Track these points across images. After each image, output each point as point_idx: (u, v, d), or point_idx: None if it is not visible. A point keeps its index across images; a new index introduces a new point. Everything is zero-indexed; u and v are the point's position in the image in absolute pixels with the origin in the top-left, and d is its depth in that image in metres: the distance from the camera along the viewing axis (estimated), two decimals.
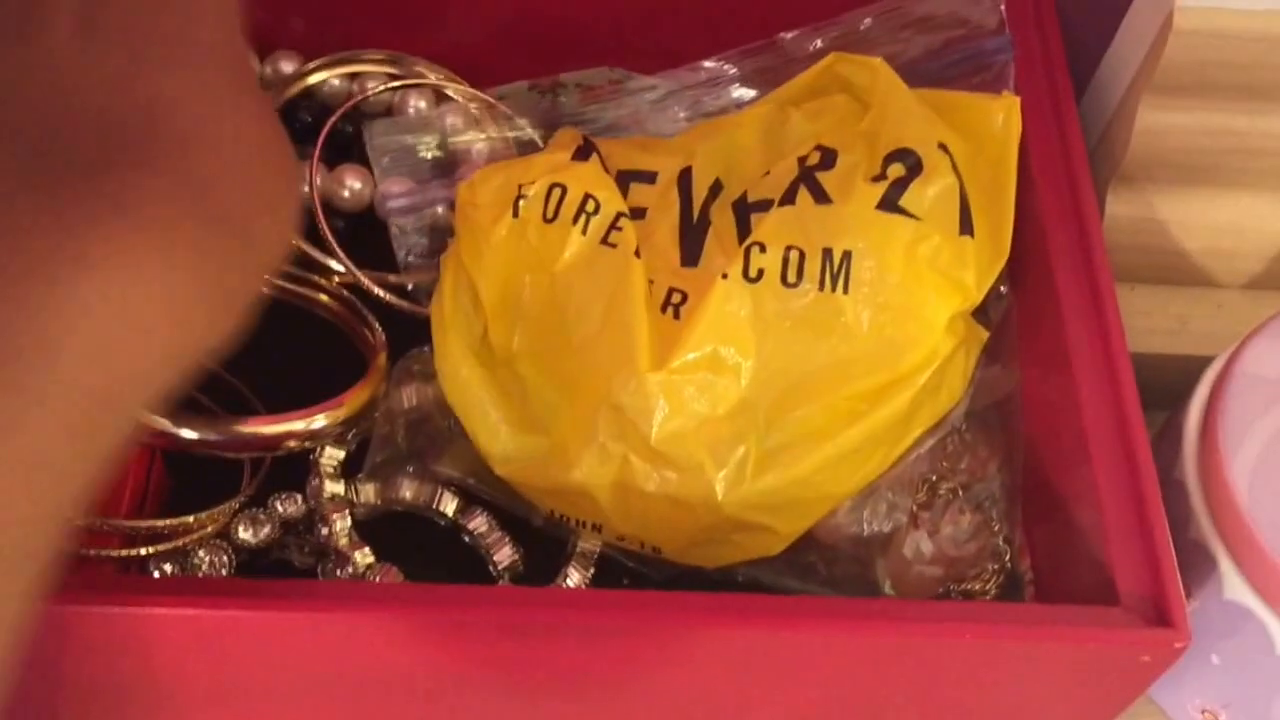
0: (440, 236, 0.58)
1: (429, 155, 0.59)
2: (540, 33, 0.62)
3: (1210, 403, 0.53)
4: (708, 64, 0.59)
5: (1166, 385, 0.57)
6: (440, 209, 0.58)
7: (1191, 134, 0.60)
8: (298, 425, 0.52)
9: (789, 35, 0.58)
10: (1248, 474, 0.51)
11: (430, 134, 0.60)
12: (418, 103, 0.63)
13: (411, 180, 0.59)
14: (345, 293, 0.58)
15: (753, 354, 0.50)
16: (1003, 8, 0.57)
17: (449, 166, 0.59)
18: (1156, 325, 0.64)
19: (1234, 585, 0.52)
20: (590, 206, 0.52)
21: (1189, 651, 0.44)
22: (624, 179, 0.55)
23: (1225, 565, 0.51)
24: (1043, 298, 0.54)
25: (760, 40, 0.59)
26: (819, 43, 0.58)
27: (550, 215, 0.52)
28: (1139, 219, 0.62)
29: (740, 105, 0.59)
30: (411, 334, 0.56)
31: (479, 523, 0.55)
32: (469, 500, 0.55)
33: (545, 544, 0.55)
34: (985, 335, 0.54)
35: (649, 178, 0.55)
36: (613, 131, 0.59)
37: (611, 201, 0.52)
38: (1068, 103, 0.56)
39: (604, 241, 0.52)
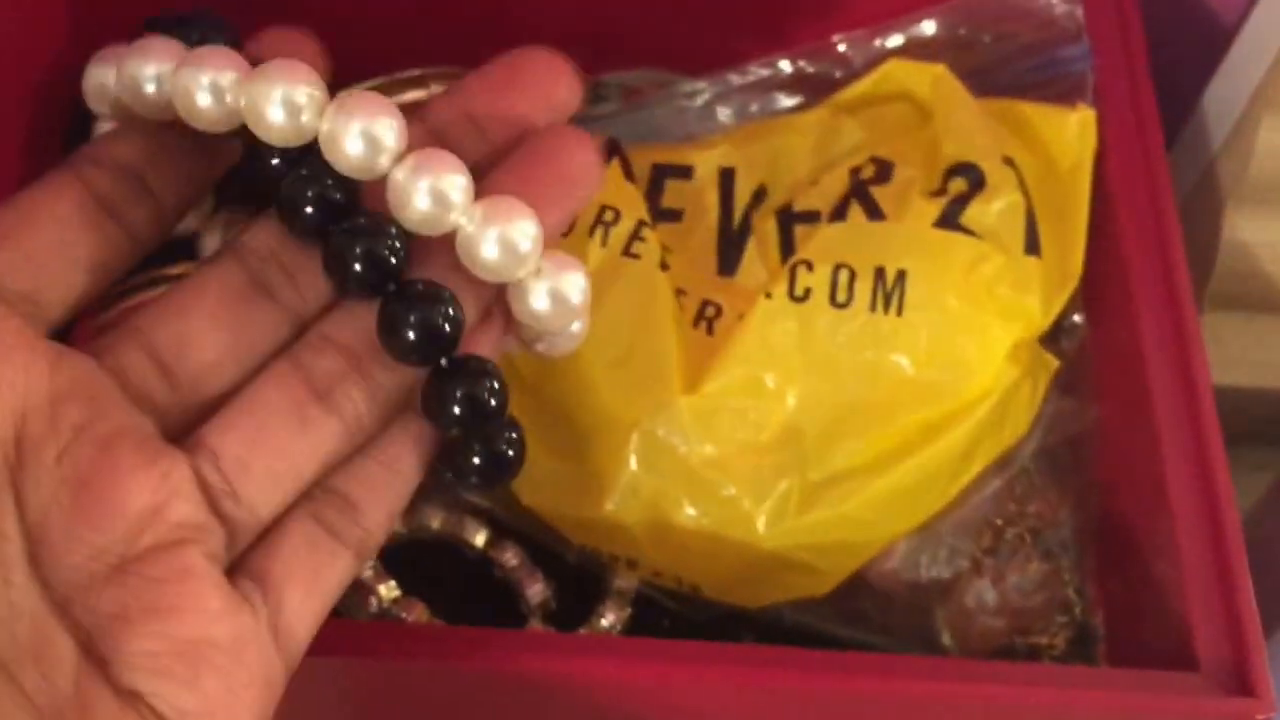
0: None
1: None
2: (583, 33, 0.59)
3: None
4: (757, 66, 0.55)
5: None
6: None
7: None
8: None
9: (845, 38, 0.55)
10: None
11: None
12: None
13: None
14: None
15: (798, 380, 0.47)
16: (1080, 13, 0.53)
17: None
18: (1277, 358, 0.60)
19: None
20: (609, 216, 0.49)
21: None
22: (659, 174, 0.52)
23: None
24: (1120, 328, 0.50)
25: (814, 42, 0.55)
26: (878, 46, 0.55)
27: (566, 229, 0.49)
28: (1261, 245, 0.58)
29: (790, 111, 0.55)
30: None
31: (509, 555, 0.52)
32: (499, 531, 0.53)
33: (578, 580, 0.52)
34: (1055, 365, 0.51)
35: (685, 172, 0.52)
36: (655, 135, 0.56)
37: (632, 209, 0.49)
38: (1152, 117, 0.52)
39: (626, 253, 0.49)
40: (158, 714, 0.27)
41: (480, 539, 0.52)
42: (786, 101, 0.56)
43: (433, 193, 0.32)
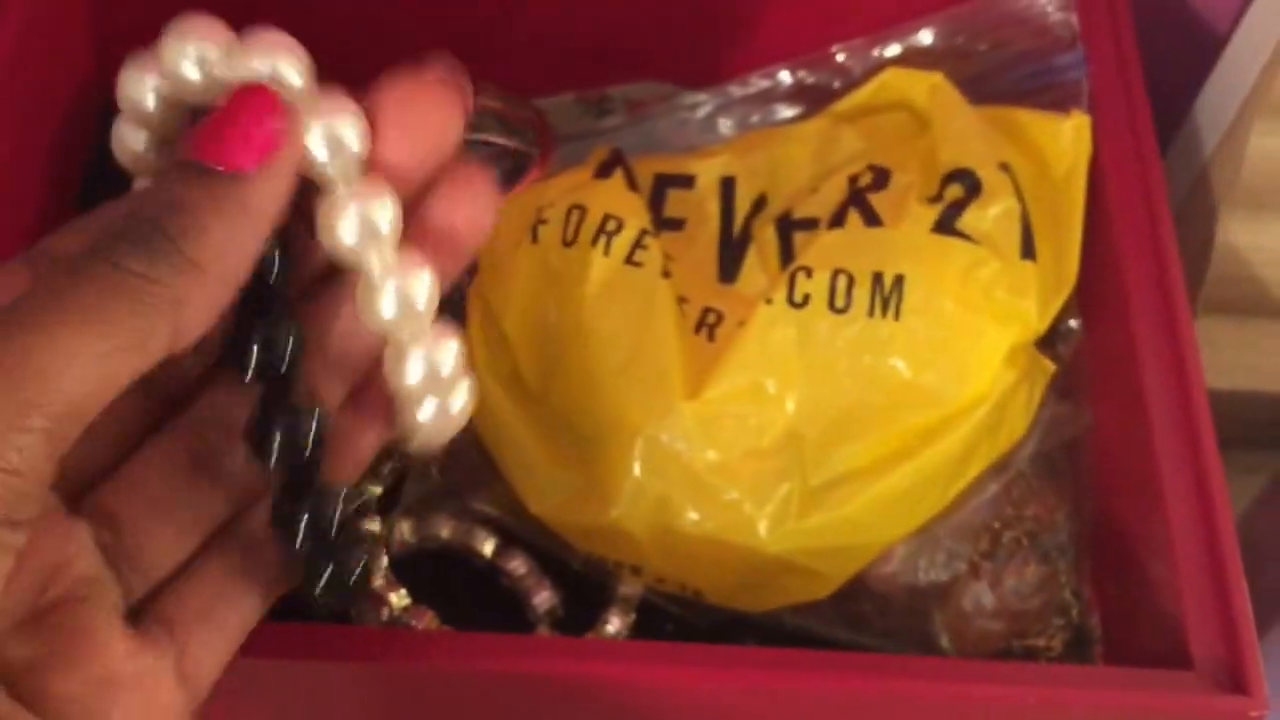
0: None
1: None
2: (588, 46, 0.60)
3: None
4: (757, 78, 0.56)
5: None
6: None
7: None
8: None
9: (843, 48, 0.56)
10: None
11: None
12: None
13: None
14: None
15: (798, 384, 0.48)
16: (1074, 20, 0.54)
17: None
18: (1273, 362, 0.61)
19: None
20: (611, 226, 0.49)
21: None
22: (661, 183, 0.52)
23: None
24: (1115, 332, 0.50)
25: (813, 53, 0.56)
26: (876, 56, 0.55)
27: (570, 238, 0.49)
28: (1253, 249, 0.59)
29: (790, 121, 0.56)
30: None
31: (517, 564, 0.53)
32: (507, 540, 0.53)
33: (584, 588, 0.52)
34: (1051, 369, 0.51)
35: (687, 181, 0.52)
36: (659, 146, 0.56)
37: (635, 219, 0.50)
38: (1145, 123, 0.53)
39: (629, 262, 0.49)
40: None
41: (488, 548, 0.53)
42: (786, 112, 0.57)
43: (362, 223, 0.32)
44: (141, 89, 0.33)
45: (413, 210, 0.33)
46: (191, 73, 0.32)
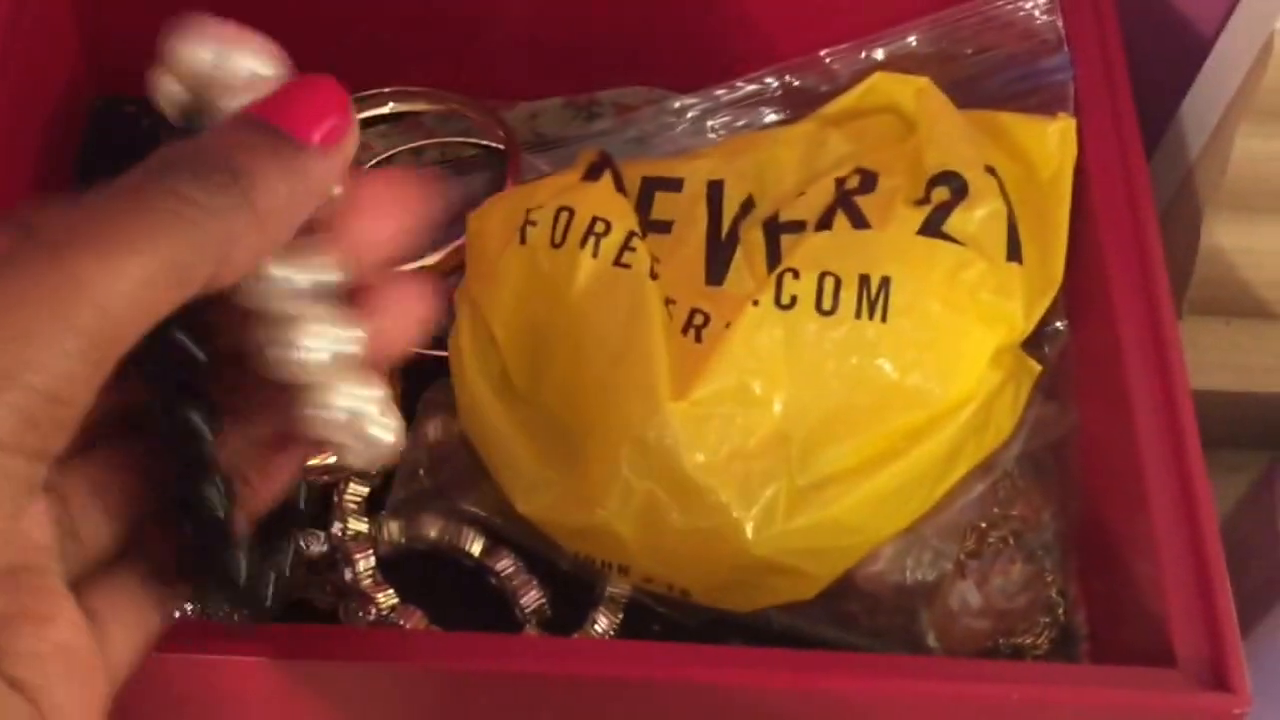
0: None
1: None
2: (578, 50, 0.60)
3: None
4: (745, 82, 0.56)
5: (1266, 424, 0.54)
6: None
7: None
8: (313, 460, 0.50)
9: (831, 52, 0.56)
10: None
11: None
12: None
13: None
14: None
15: (785, 386, 0.48)
16: (1060, 25, 0.54)
17: None
18: (1254, 362, 0.61)
19: None
20: (599, 228, 0.49)
21: None
22: (649, 186, 0.53)
23: None
24: (1101, 333, 0.51)
25: (801, 57, 0.56)
26: (864, 60, 0.55)
27: (558, 240, 0.50)
28: (1237, 250, 0.59)
29: (779, 124, 0.56)
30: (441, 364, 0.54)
31: (505, 564, 0.53)
32: (495, 540, 0.53)
33: (572, 587, 0.53)
34: (1037, 370, 0.51)
35: (675, 185, 0.53)
36: (648, 150, 0.57)
37: (623, 220, 0.50)
38: (1131, 126, 0.53)
39: (617, 263, 0.49)
40: (37, 706, 0.28)
41: (477, 548, 0.53)
42: (774, 115, 0.57)
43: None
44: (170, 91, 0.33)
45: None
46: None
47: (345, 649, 0.43)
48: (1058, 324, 0.53)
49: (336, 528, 0.52)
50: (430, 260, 0.55)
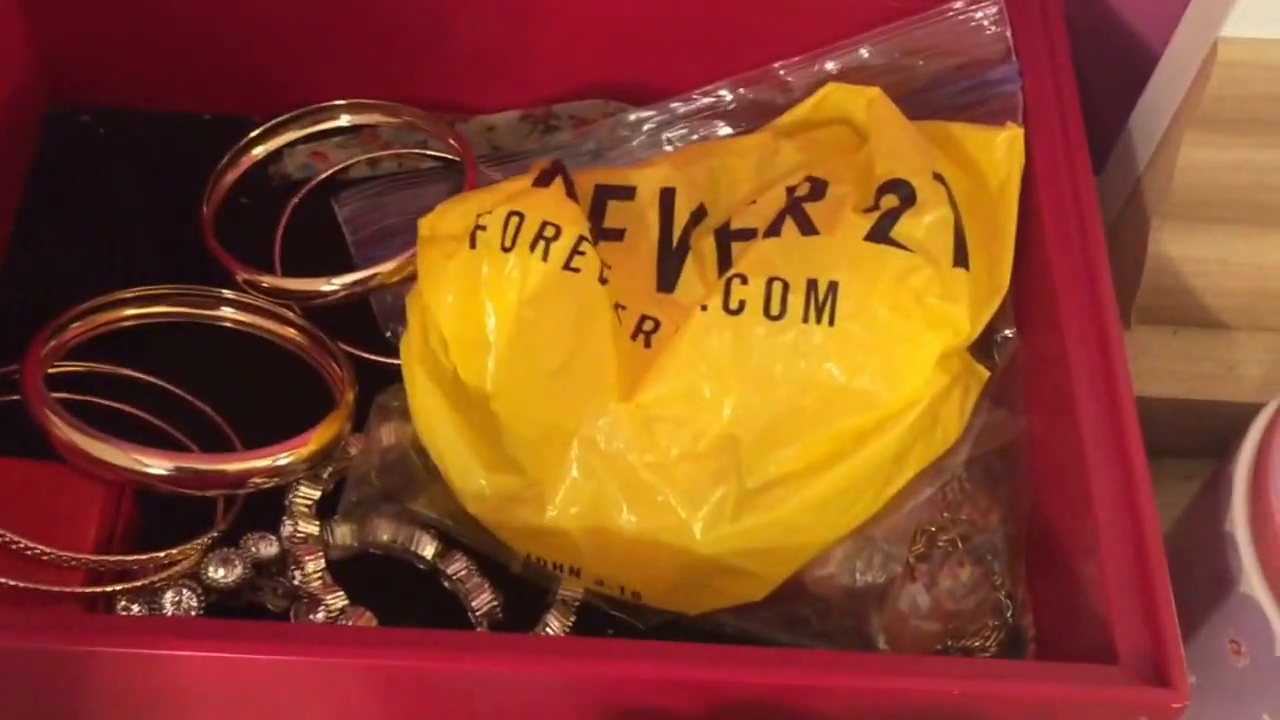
0: None
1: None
2: (534, 63, 0.60)
3: (1260, 452, 0.50)
4: (700, 95, 0.57)
5: (1213, 432, 0.54)
6: None
7: (1238, 171, 0.58)
8: (262, 463, 0.51)
9: (785, 64, 0.56)
10: None
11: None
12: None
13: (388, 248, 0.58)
14: (310, 327, 0.57)
15: (734, 389, 0.48)
16: (1009, 35, 0.55)
17: None
18: (1204, 370, 0.61)
19: None
20: (549, 232, 0.50)
21: (1240, 711, 0.42)
22: (601, 195, 0.53)
23: (1277, 622, 0.48)
24: (1047, 340, 0.51)
25: (755, 70, 0.57)
26: (817, 72, 0.56)
27: (508, 244, 0.50)
28: (1183, 259, 0.60)
29: (734, 136, 0.57)
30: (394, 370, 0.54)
31: (458, 566, 0.53)
32: (448, 543, 0.53)
33: (525, 591, 0.53)
34: (985, 375, 0.52)
35: (628, 193, 0.53)
36: (604, 163, 0.57)
37: (573, 225, 0.50)
38: (1078, 135, 0.54)
39: (566, 267, 0.50)
40: None
41: (430, 551, 0.53)
42: (729, 128, 0.58)
43: None
44: None
45: None
46: None
47: (286, 645, 0.43)
48: (1006, 331, 0.53)
49: (287, 530, 0.52)
50: (385, 269, 0.56)
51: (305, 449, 0.51)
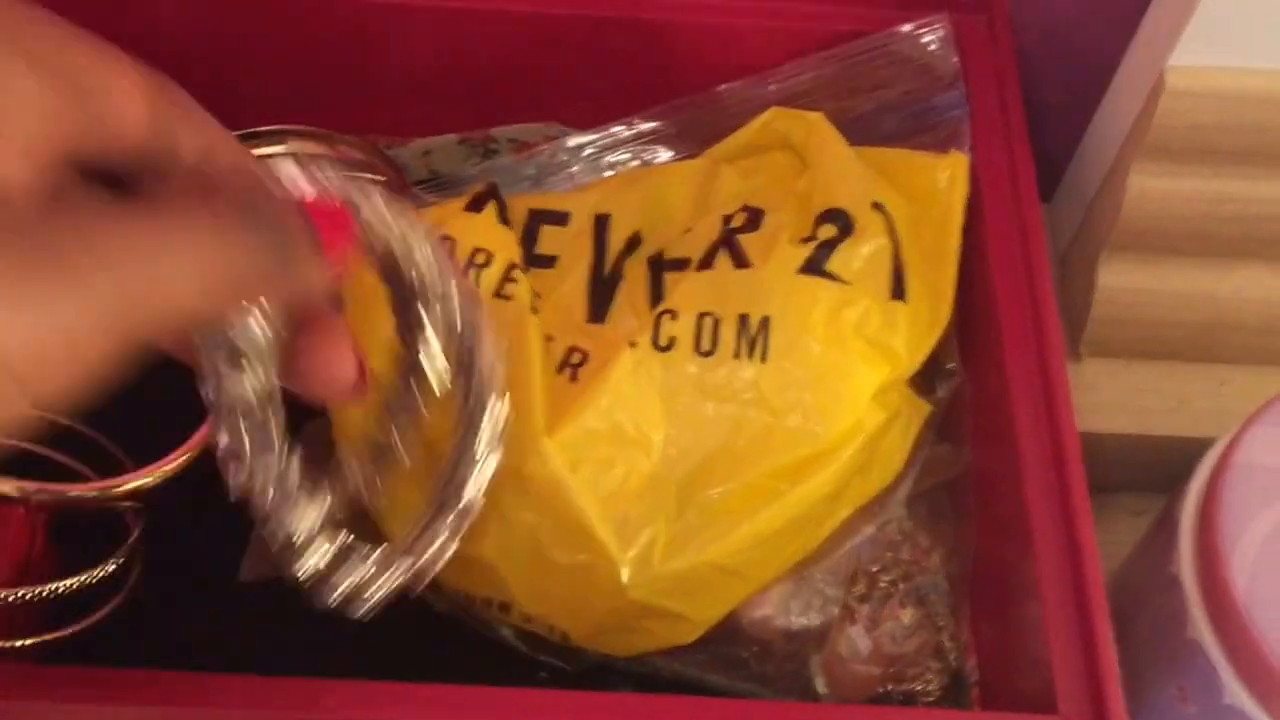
0: None
1: None
2: (473, 86, 0.59)
3: (1208, 493, 0.49)
4: (641, 120, 0.56)
5: (1166, 467, 0.53)
6: None
7: (1187, 201, 0.56)
8: (125, 486, 0.49)
9: (728, 89, 0.55)
10: (1247, 571, 0.46)
11: None
12: None
13: None
14: None
15: (662, 428, 0.47)
16: (956, 60, 0.54)
17: None
18: (1154, 404, 0.59)
19: (1234, 690, 0.47)
20: (480, 259, 0.49)
21: None
22: (534, 220, 0.52)
23: (1224, 669, 0.47)
24: (989, 374, 0.50)
25: (697, 93, 0.55)
26: (760, 96, 0.55)
27: None
28: (1133, 291, 0.58)
29: (675, 160, 0.55)
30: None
31: None
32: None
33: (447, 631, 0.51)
34: (927, 409, 0.50)
35: (560, 218, 0.52)
36: (545, 187, 0.56)
37: (504, 252, 0.49)
38: (1025, 164, 0.52)
39: (497, 295, 0.48)
40: None
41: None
42: (671, 153, 0.56)
43: None
44: None
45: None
46: None
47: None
48: (949, 364, 0.52)
49: None
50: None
51: (169, 469, 0.50)
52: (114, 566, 0.50)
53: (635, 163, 0.56)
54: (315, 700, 0.42)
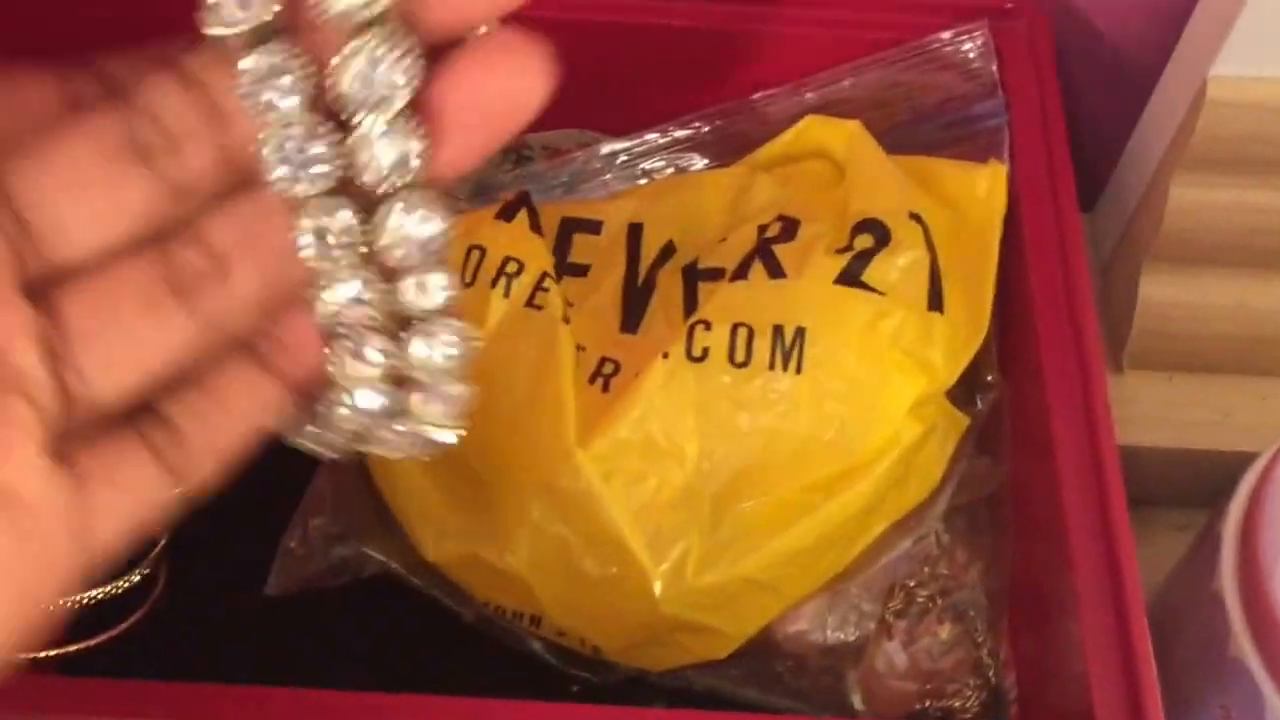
0: None
1: None
2: None
3: (1251, 507, 0.47)
4: (676, 127, 0.55)
5: (1208, 481, 0.52)
6: None
7: (1228, 212, 0.55)
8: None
9: (764, 96, 0.54)
10: None
11: None
12: None
13: None
14: None
15: (695, 439, 0.46)
16: (995, 69, 0.53)
17: None
18: (1197, 417, 0.58)
19: (1278, 709, 0.46)
20: (511, 268, 0.48)
21: None
22: (567, 228, 0.52)
23: (1269, 688, 0.46)
24: (1029, 386, 0.49)
25: (733, 101, 0.55)
26: (797, 104, 0.54)
27: (469, 279, 0.48)
28: (1175, 304, 0.57)
29: (711, 169, 0.55)
30: None
31: None
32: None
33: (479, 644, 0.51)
34: (965, 422, 0.50)
35: (594, 227, 0.52)
36: (578, 195, 0.55)
37: (536, 261, 0.48)
38: (1065, 174, 0.52)
39: (529, 304, 0.48)
40: None
41: None
42: (706, 161, 0.56)
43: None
44: None
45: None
46: None
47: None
48: (989, 376, 0.51)
49: None
50: None
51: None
52: (139, 577, 0.50)
53: (670, 170, 0.55)
54: (343, 714, 0.42)
